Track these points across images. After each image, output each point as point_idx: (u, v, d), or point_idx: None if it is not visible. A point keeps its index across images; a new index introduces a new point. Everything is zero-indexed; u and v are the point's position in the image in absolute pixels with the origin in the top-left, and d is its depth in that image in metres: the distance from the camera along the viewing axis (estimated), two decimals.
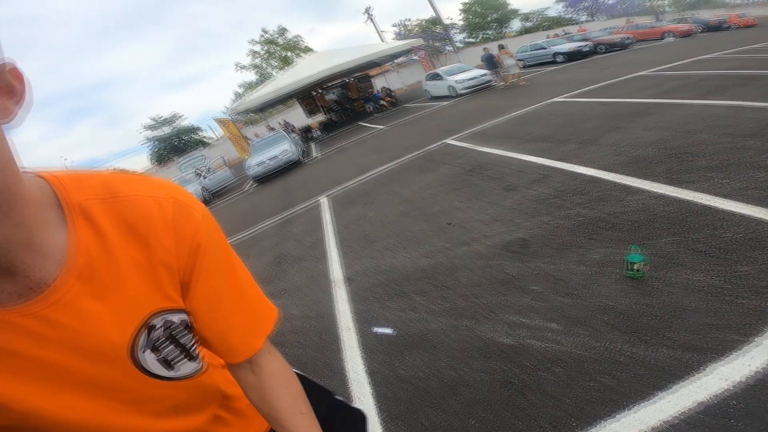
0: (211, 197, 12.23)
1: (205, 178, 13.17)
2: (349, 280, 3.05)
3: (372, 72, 22.53)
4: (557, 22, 36.97)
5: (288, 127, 19.17)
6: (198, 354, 0.54)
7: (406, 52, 19.67)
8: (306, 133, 18.22)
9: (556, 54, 14.69)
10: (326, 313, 2.70)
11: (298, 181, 8.51)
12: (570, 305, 1.97)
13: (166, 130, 33.48)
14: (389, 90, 20.07)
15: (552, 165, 3.83)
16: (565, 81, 9.33)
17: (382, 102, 17.54)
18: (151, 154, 32.68)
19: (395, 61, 23.08)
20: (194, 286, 0.51)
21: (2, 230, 0.37)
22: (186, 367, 0.53)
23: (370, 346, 2.21)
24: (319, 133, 17.85)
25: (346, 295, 2.83)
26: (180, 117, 34.79)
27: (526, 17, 38.78)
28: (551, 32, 25.78)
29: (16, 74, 0.39)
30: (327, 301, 2.85)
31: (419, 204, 4.02)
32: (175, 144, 33.01)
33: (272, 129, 19.23)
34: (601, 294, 1.97)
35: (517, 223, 2.92)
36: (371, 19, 32.94)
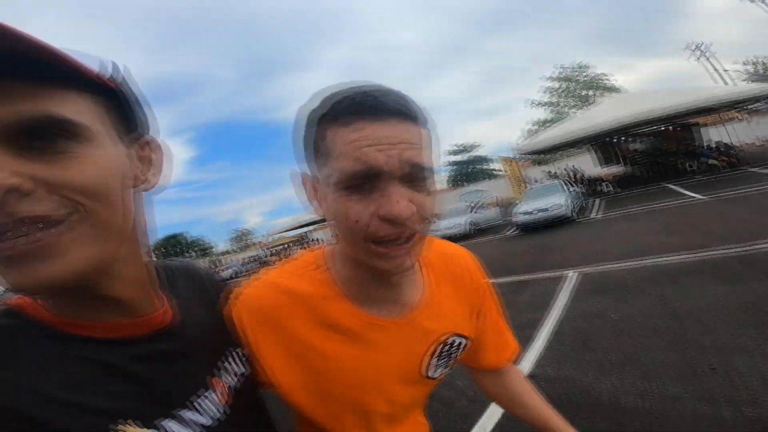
0: (474, 232, 13.32)
1: (475, 212, 14.39)
2: (530, 377, 2.80)
3: (704, 119, 17.63)
4: None
5: (573, 176, 18.05)
6: (449, 366, 0.71)
7: (764, 97, 14.22)
8: (593, 185, 16.56)
9: None
10: (478, 400, 2.58)
11: (559, 241, 8.09)
12: None
13: (464, 156, 38.29)
14: (727, 145, 15.12)
15: None
16: None
17: (712, 161, 13.53)
18: (447, 178, 38.13)
19: (746, 107, 16.94)
20: (481, 316, 0.74)
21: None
22: (437, 373, 0.69)
23: None
24: (609, 187, 15.81)
25: None
26: (477, 146, 38.97)
27: None
28: None
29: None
30: None
31: (687, 326, 3.06)
32: (468, 171, 37.43)
33: (553, 176, 18.65)
34: None
35: None
36: (704, 56, 25.71)
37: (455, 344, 0.69)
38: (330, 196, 0.50)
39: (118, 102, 0.41)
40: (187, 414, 0.43)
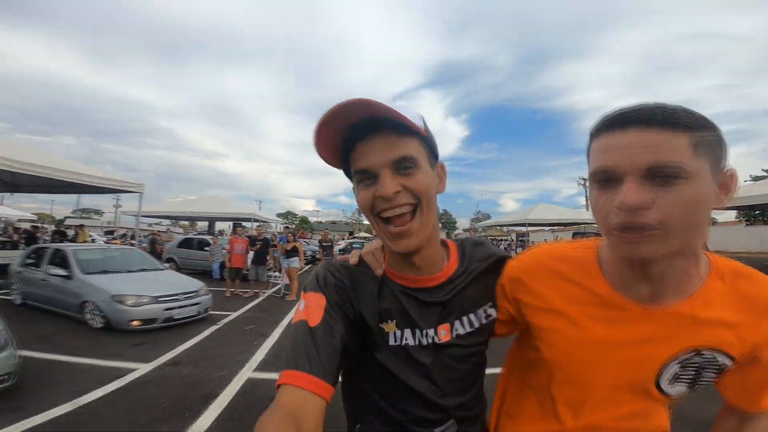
0: None
1: None
2: None
3: None
4: None
5: None
6: (693, 387, 0.70)
7: None
8: None
9: None
10: None
11: None
12: None
13: None
14: None
15: None
16: None
17: None
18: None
19: None
20: (760, 360, 0.67)
21: (678, 263, 0.64)
22: (676, 391, 0.70)
23: None
24: None
25: None
26: None
27: None
28: None
29: (732, 177, 0.60)
30: None
31: None
32: None
33: None
34: None
35: None
36: None
37: (713, 361, 0.67)
38: (590, 192, 0.66)
39: (426, 141, 0.74)
40: (417, 332, 0.79)
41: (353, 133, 0.69)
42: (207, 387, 3.73)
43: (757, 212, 22.88)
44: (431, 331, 0.79)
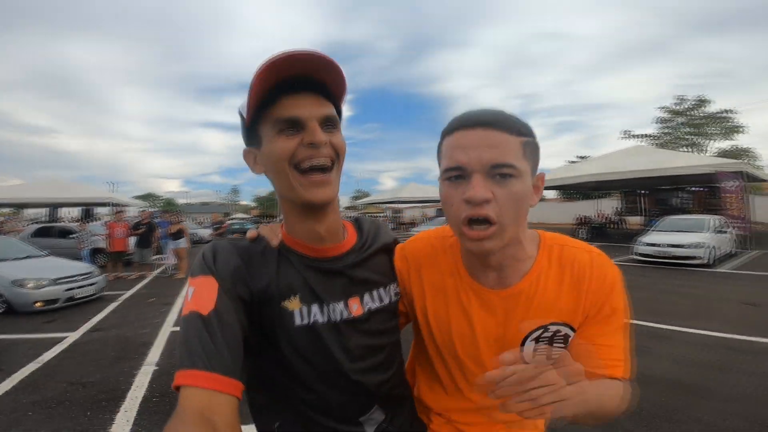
0: None
1: None
2: None
3: None
4: None
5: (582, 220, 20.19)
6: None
7: None
8: (581, 226, 19.02)
9: None
10: None
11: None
12: None
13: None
14: None
15: None
16: None
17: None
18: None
19: None
20: (590, 321, 0.77)
21: (509, 251, 0.75)
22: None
23: None
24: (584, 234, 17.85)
25: None
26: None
27: None
28: None
29: (542, 180, 0.74)
30: None
31: None
32: None
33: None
34: None
35: None
36: None
37: (557, 333, 0.77)
38: (441, 187, 0.74)
39: (338, 110, 0.76)
40: (324, 307, 0.75)
41: (282, 86, 0.68)
42: (140, 339, 4.96)
43: (572, 191, 28.71)
44: (339, 305, 0.76)
